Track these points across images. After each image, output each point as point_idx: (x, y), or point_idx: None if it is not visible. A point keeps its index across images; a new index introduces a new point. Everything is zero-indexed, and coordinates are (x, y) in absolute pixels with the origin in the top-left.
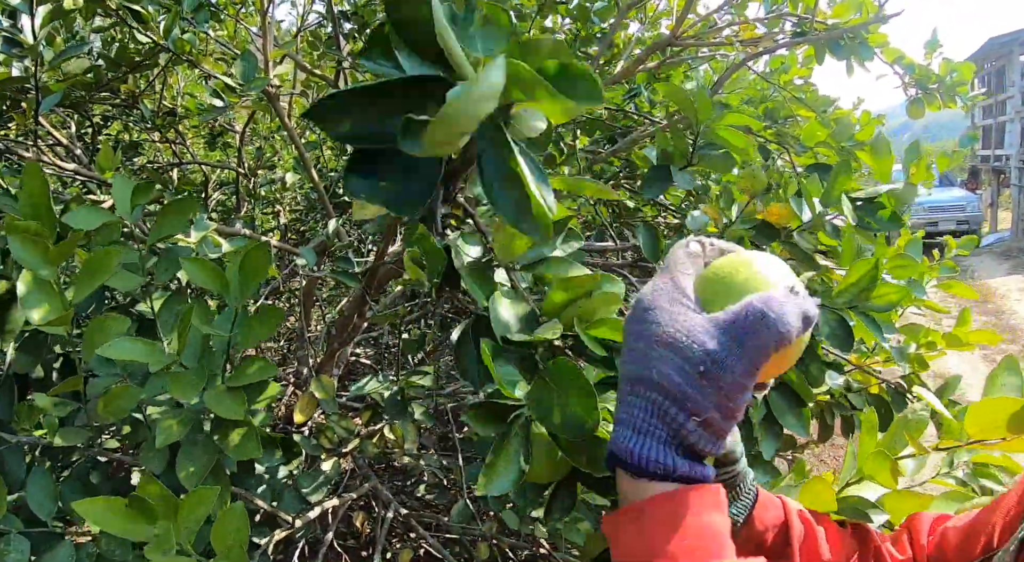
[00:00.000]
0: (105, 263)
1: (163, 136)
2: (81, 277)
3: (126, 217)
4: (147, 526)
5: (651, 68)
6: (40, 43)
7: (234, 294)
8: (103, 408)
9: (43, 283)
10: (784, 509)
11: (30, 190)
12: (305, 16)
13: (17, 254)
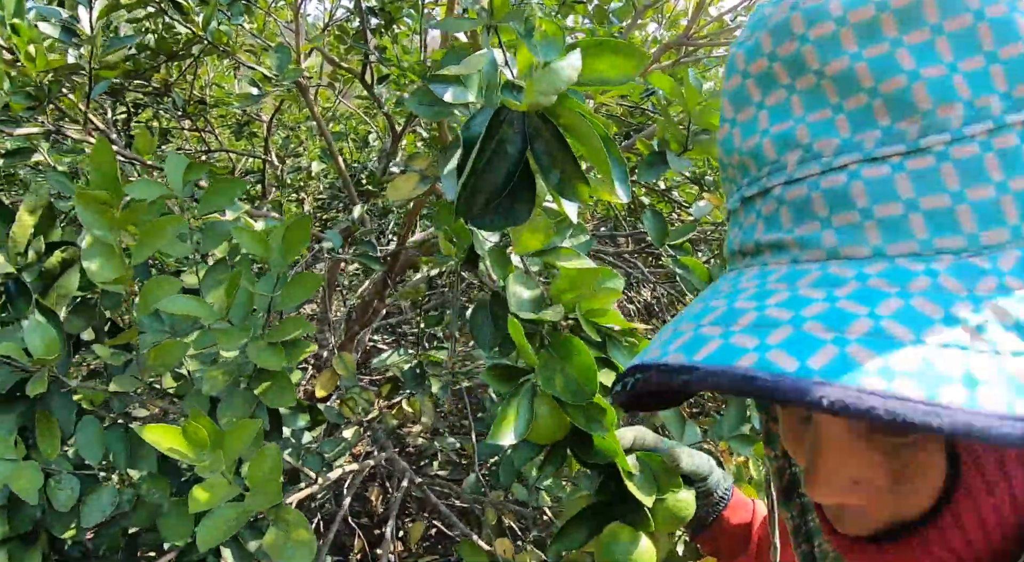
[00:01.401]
0: (163, 230)
1: (193, 124)
2: (141, 242)
3: (177, 192)
4: (199, 451)
5: (666, 66)
6: (97, 33)
7: (277, 260)
8: (153, 359)
9: (106, 246)
10: (753, 513)
11: (99, 163)
12: (333, 11)
13: (85, 220)
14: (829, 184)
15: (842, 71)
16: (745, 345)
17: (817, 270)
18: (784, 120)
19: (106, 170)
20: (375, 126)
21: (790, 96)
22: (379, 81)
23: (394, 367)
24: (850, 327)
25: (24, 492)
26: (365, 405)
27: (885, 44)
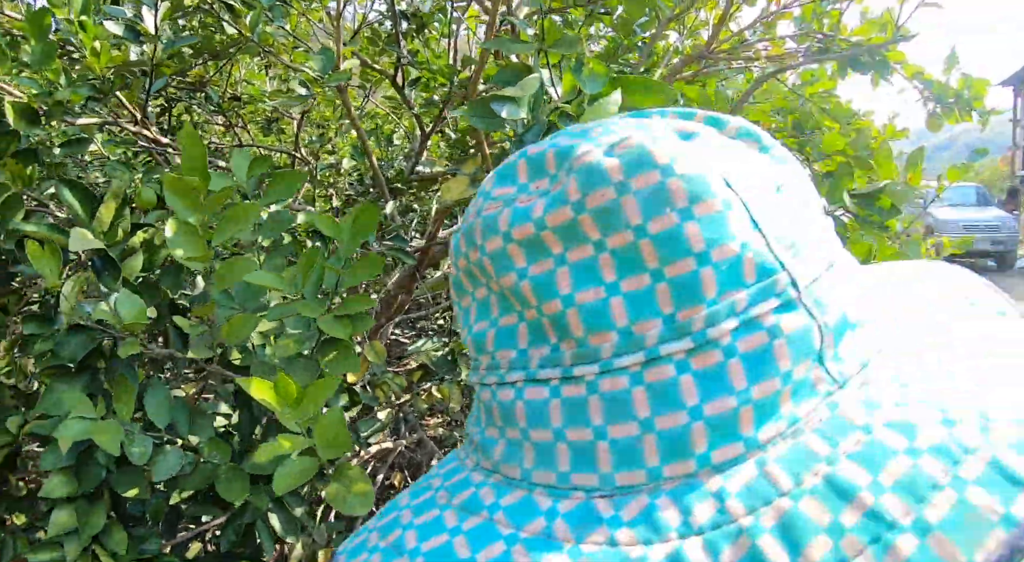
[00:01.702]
0: (243, 216)
1: (227, 120)
2: (220, 227)
3: (243, 183)
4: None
5: (688, 77)
6: (161, 32)
7: (346, 242)
8: (227, 331)
9: (190, 228)
10: None
11: (190, 151)
12: (367, 14)
13: (173, 204)
14: (503, 398)
15: (511, 287)
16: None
17: (479, 485)
18: (483, 319)
19: (196, 160)
20: (402, 125)
21: (489, 295)
22: (411, 84)
23: (424, 354)
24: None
25: (106, 445)
26: (397, 389)
27: (549, 261)
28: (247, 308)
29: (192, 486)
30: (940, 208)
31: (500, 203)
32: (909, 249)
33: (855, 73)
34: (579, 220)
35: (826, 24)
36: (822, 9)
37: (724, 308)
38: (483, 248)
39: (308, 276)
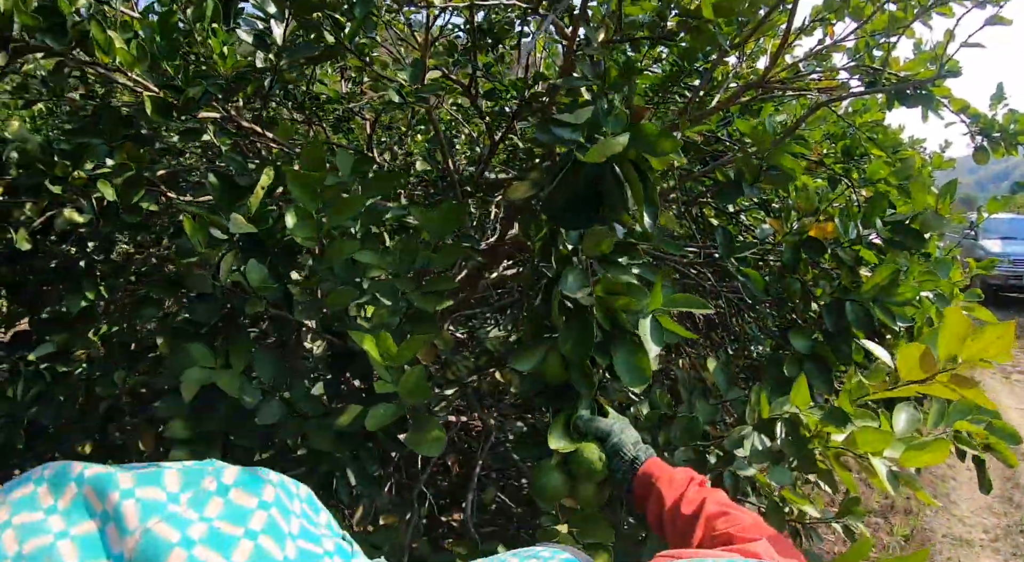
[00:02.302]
0: (351, 206)
1: (306, 116)
2: (332, 215)
3: (347, 179)
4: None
5: (745, 102)
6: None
7: (436, 231)
8: (331, 301)
9: (307, 214)
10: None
11: (311, 153)
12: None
13: (295, 194)
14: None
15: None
16: None
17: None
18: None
19: (316, 159)
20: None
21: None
22: (484, 95)
23: (490, 342)
24: None
25: (226, 387)
26: (464, 371)
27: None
28: (346, 283)
29: (287, 434)
30: (990, 240)
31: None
32: (940, 269)
33: (902, 106)
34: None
35: (878, 57)
36: (875, 42)
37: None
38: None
39: (405, 258)
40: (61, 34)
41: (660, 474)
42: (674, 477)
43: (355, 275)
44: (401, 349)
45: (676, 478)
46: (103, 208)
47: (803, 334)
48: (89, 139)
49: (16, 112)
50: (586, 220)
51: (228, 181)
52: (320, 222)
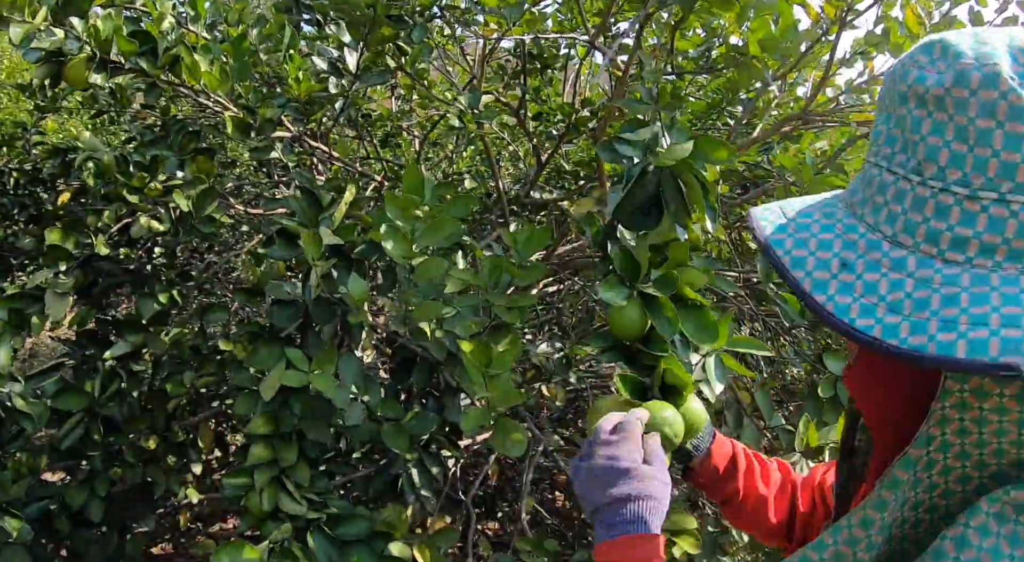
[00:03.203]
0: (442, 227)
1: (358, 133)
2: (425, 234)
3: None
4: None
5: (787, 132)
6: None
7: (522, 251)
8: (418, 313)
9: (400, 233)
10: (733, 447)
11: (410, 178)
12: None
13: (392, 213)
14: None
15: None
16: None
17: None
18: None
19: (416, 183)
20: (515, 148)
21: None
22: (534, 117)
23: (538, 357)
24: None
25: (324, 389)
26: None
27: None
28: (429, 297)
29: (359, 437)
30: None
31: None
32: None
33: None
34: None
35: None
36: None
37: None
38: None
39: (494, 275)
40: (153, 58)
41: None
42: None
43: (438, 290)
44: (498, 356)
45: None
46: (178, 217)
47: (838, 356)
48: (161, 151)
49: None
50: (653, 223)
51: (311, 196)
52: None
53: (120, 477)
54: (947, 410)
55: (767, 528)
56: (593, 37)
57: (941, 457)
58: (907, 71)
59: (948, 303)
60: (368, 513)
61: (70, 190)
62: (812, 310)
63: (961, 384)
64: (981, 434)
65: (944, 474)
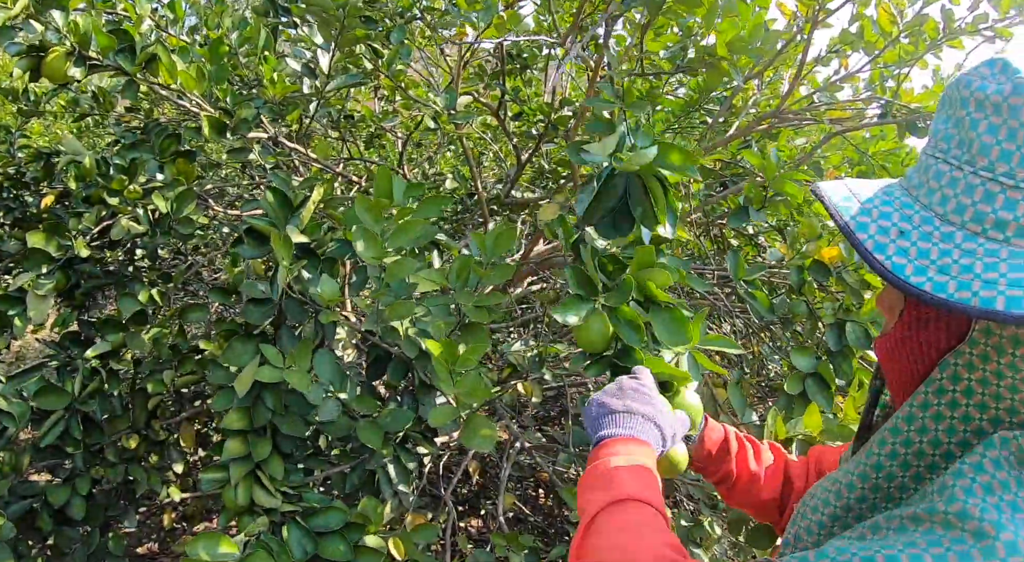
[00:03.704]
0: (412, 229)
1: (340, 135)
2: (394, 235)
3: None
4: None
5: (763, 130)
6: (332, 71)
7: (488, 252)
8: (390, 312)
9: (371, 234)
10: (725, 431)
11: (382, 182)
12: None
13: (361, 216)
14: None
15: None
16: None
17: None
18: None
19: (385, 186)
20: (497, 149)
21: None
22: (513, 117)
23: (513, 355)
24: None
25: (298, 385)
26: (489, 382)
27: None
28: (400, 296)
29: (335, 432)
30: None
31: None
32: None
33: (912, 136)
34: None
35: (890, 87)
36: (890, 73)
37: None
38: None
39: (462, 275)
40: (131, 55)
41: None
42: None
43: (409, 290)
44: (464, 354)
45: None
46: (157, 219)
47: (806, 352)
48: (141, 154)
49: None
50: (624, 229)
51: (282, 196)
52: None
53: (102, 476)
54: (973, 358)
55: (760, 504)
56: (563, 39)
57: (964, 401)
58: (971, 81)
59: (989, 269)
60: (343, 506)
61: (54, 193)
62: (871, 265)
63: (985, 339)
64: (999, 387)
65: (965, 421)
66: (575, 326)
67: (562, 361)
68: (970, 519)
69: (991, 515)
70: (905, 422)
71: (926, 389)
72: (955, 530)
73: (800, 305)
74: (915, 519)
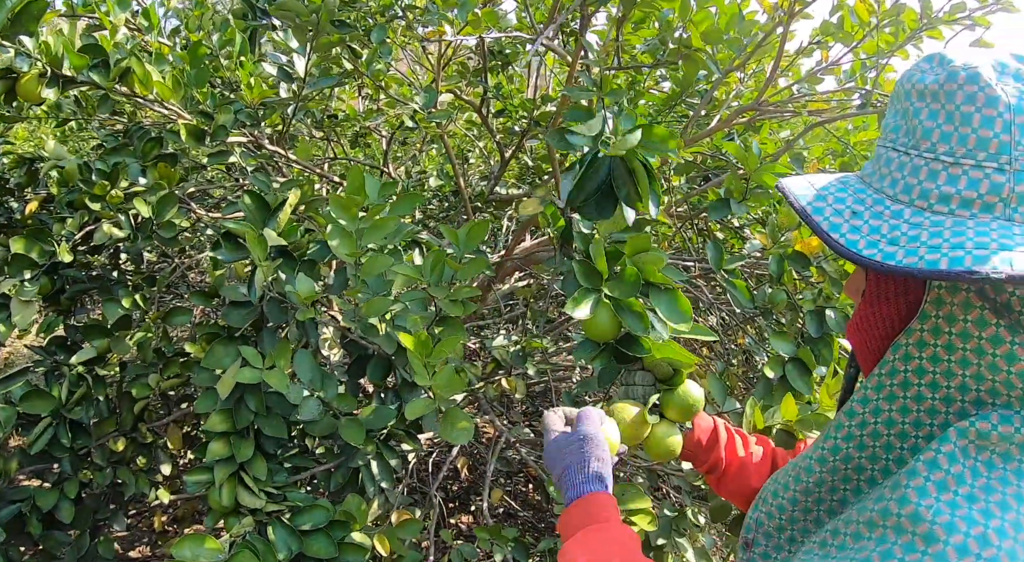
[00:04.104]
0: (384, 226)
1: (325, 134)
2: (367, 233)
3: (375, 201)
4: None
5: (744, 122)
6: (308, 75)
7: (462, 246)
8: (367, 309)
9: (346, 232)
10: (715, 422)
11: (354, 180)
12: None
13: (335, 214)
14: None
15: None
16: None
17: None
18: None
19: (358, 185)
20: (482, 146)
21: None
22: (496, 114)
23: (497, 350)
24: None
25: (278, 385)
26: (473, 378)
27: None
28: (378, 293)
29: (319, 431)
30: None
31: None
32: None
33: None
34: None
35: (871, 77)
36: (872, 63)
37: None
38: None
39: (436, 269)
40: (105, 70)
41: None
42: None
43: (387, 286)
44: (438, 348)
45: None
46: (139, 223)
47: (785, 338)
48: (123, 158)
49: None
50: (608, 211)
51: (259, 200)
52: (358, 240)
53: (90, 479)
54: (924, 334)
55: (750, 493)
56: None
57: (916, 381)
58: (913, 74)
59: (934, 237)
60: (328, 504)
61: (38, 199)
62: (826, 243)
63: (936, 310)
64: (950, 363)
65: (918, 400)
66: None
67: (548, 356)
68: (921, 522)
69: (943, 517)
70: (860, 405)
71: (879, 371)
72: (906, 534)
73: (780, 294)
74: (870, 524)
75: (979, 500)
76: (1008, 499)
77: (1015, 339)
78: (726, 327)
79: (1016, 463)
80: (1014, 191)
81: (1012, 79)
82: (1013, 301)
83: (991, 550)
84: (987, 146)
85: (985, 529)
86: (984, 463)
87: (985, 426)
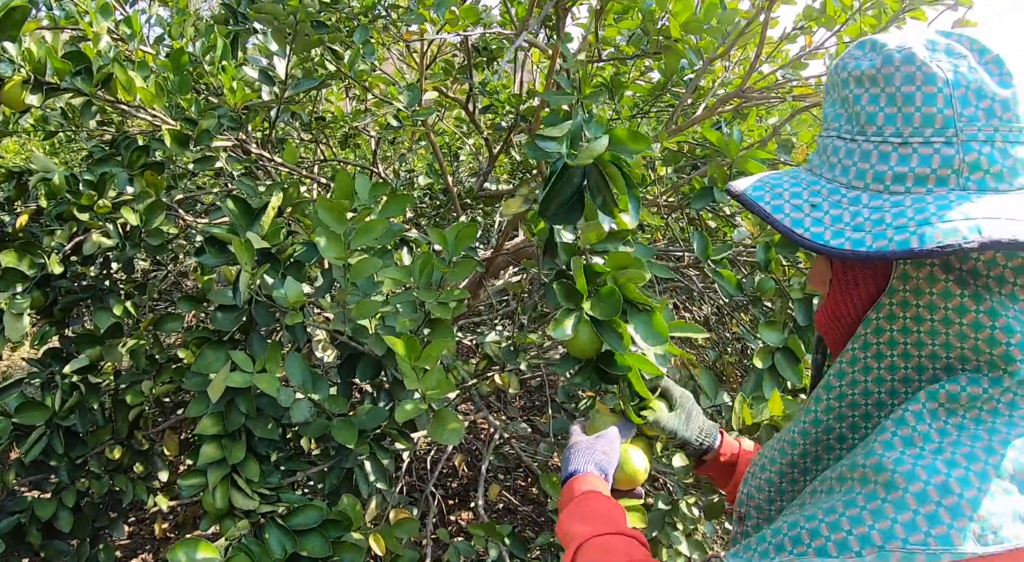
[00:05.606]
0: (373, 229)
1: (313, 136)
2: (357, 236)
3: (365, 202)
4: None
5: (730, 110)
6: (290, 77)
7: (451, 249)
8: (356, 311)
9: (335, 235)
10: (740, 446)
11: (342, 183)
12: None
13: (324, 218)
14: None
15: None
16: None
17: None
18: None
19: (345, 188)
20: (470, 143)
21: None
22: (482, 110)
23: (489, 346)
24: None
25: (267, 389)
26: (465, 374)
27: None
28: (367, 295)
29: (312, 433)
30: None
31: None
32: None
33: None
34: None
35: None
36: None
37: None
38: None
39: (424, 272)
40: (88, 77)
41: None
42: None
43: (376, 288)
44: (427, 350)
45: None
46: (127, 232)
47: (774, 327)
48: (110, 168)
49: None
50: (574, 218)
51: (243, 204)
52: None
53: (88, 488)
54: (893, 307)
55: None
56: (519, 30)
57: (889, 352)
58: (847, 63)
59: (898, 217)
60: (321, 503)
61: (28, 212)
62: (792, 240)
63: (903, 284)
64: (919, 333)
65: (891, 370)
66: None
67: (542, 351)
68: (883, 471)
69: (904, 466)
70: (836, 378)
71: (853, 345)
72: (869, 484)
73: (768, 282)
74: (840, 479)
75: (945, 452)
76: (977, 451)
77: (979, 307)
78: (720, 315)
79: (988, 424)
80: (964, 161)
81: (944, 55)
82: (980, 266)
83: (951, 498)
84: (932, 122)
85: (947, 478)
86: (955, 426)
87: (954, 388)
